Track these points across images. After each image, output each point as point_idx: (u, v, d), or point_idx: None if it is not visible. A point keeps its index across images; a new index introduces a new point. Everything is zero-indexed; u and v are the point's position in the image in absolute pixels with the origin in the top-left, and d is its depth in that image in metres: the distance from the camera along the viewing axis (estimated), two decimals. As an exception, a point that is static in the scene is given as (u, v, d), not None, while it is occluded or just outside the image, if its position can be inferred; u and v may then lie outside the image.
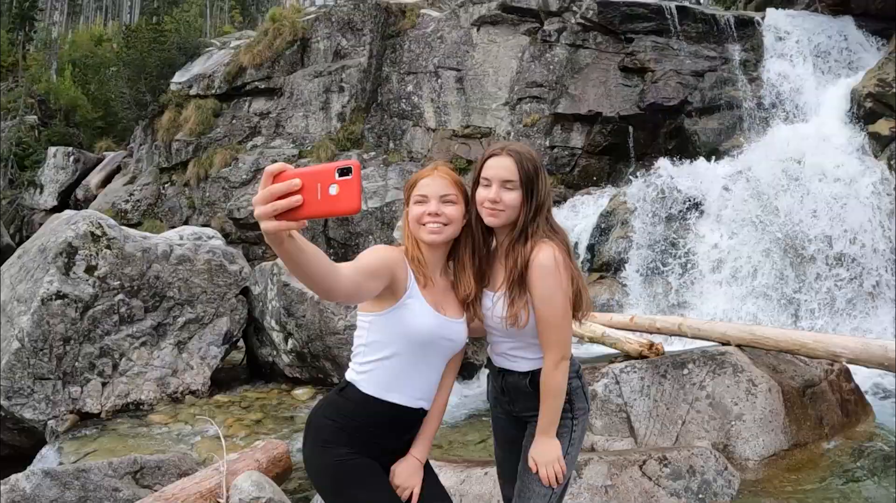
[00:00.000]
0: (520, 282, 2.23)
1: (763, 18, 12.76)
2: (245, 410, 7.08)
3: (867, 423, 5.01)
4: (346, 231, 13.39)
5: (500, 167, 2.25)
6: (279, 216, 1.43)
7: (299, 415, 6.87)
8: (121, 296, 6.85)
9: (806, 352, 4.83)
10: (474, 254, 2.33)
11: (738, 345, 5.39)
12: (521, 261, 2.22)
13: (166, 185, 15.48)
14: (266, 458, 4.57)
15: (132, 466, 3.84)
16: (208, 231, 9.42)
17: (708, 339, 5.83)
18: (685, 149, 12.01)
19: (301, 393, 7.68)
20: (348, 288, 1.85)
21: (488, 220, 2.27)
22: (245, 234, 13.82)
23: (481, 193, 2.27)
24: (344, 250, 13.01)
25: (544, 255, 2.20)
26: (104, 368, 6.54)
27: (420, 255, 2.24)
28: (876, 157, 9.70)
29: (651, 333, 6.65)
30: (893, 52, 10.62)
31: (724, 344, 5.54)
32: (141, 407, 6.68)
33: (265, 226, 1.45)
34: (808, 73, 11.73)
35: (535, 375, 2.35)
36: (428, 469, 2.37)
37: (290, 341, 7.91)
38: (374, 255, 2.07)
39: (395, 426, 2.26)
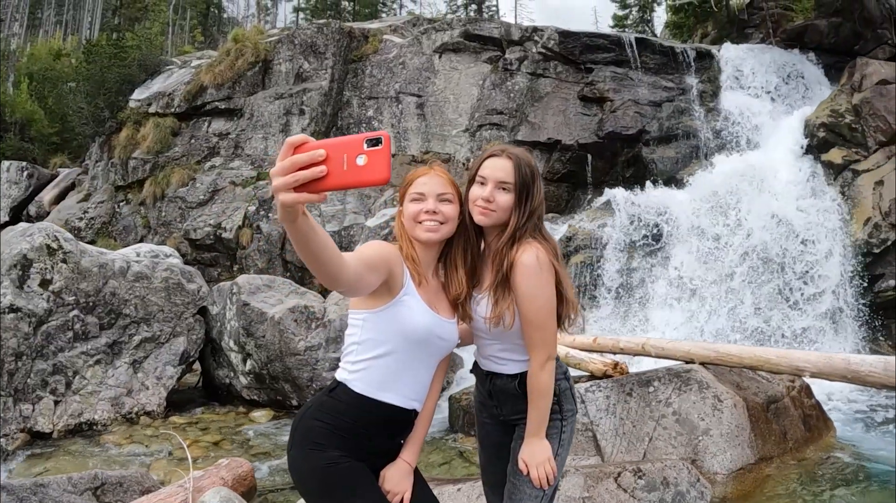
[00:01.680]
0: (504, 284, 2.23)
1: (720, 51, 13.22)
2: (202, 432, 6.91)
3: (829, 438, 5.13)
4: (304, 254, 13.23)
5: (497, 168, 2.25)
6: (299, 188, 1.37)
7: (258, 438, 6.73)
8: (76, 311, 6.64)
9: (770, 367, 4.93)
10: (466, 254, 2.32)
11: (702, 363, 5.47)
12: (507, 262, 2.22)
13: (121, 204, 15.11)
14: (231, 476, 4.45)
15: (93, 482, 3.68)
16: (166, 249, 9.25)
17: (672, 358, 5.89)
18: (643, 177, 12.26)
19: (259, 415, 7.53)
20: (351, 277, 1.81)
21: (478, 219, 2.26)
22: (201, 256, 13.55)
23: (475, 191, 2.27)
24: (301, 274, 12.84)
25: (528, 255, 2.20)
26: (57, 386, 6.31)
27: (414, 254, 2.22)
28: (829, 184, 10.08)
29: (615, 353, 6.69)
30: (846, 84, 11.09)
31: (688, 362, 5.60)
32: (94, 427, 6.46)
33: (284, 198, 1.38)
34: (763, 104, 12.15)
35: (523, 377, 2.34)
36: (417, 474, 2.32)
37: (248, 362, 7.77)
38: (373, 249, 2.03)
39: (388, 427, 2.21)
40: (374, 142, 1.34)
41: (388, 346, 2.15)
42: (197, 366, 8.50)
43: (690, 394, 4.98)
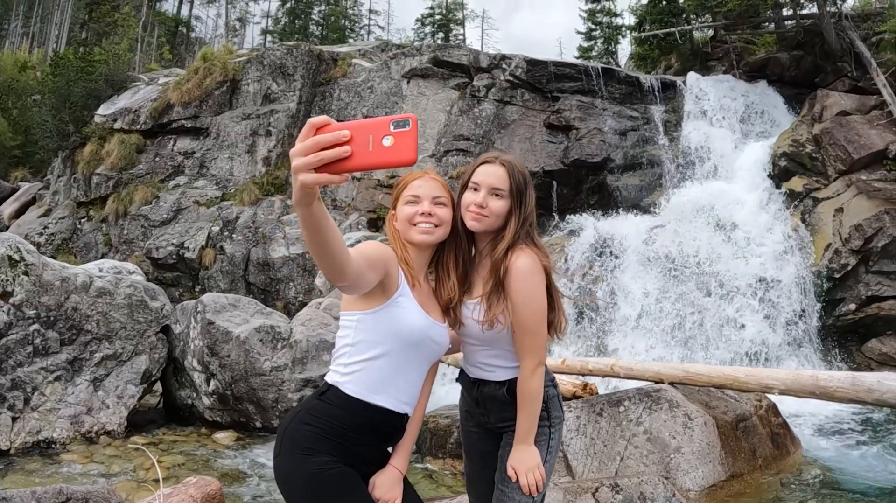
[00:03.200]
0: (498, 288, 2.24)
1: (684, 82, 13.57)
2: (164, 453, 6.72)
3: (796, 455, 5.23)
4: (267, 277, 13.13)
5: (491, 174, 2.27)
6: (321, 168, 1.37)
7: (222, 460, 6.58)
8: (36, 326, 6.45)
9: (739, 385, 5.00)
10: (458, 259, 2.33)
11: (671, 383, 5.52)
12: (502, 267, 2.23)
13: (83, 220, 14.80)
14: (200, 495, 4.33)
15: (58, 497, 3.55)
16: (129, 266, 9.07)
17: (641, 379, 5.93)
18: (607, 204, 12.46)
19: (223, 437, 7.36)
20: (354, 272, 1.79)
21: (471, 224, 2.27)
22: (163, 275, 13.32)
23: (468, 197, 2.29)
24: (263, 296, 12.72)
25: (522, 260, 2.22)
26: (15, 402, 6.09)
27: (408, 257, 2.22)
28: (790, 211, 10.38)
29: (583, 375, 6.72)
30: (806, 115, 11.49)
31: (657, 382, 5.65)
32: (52, 445, 6.24)
33: (305, 178, 1.37)
34: (726, 133, 12.47)
35: (511, 384, 2.33)
36: (405, 481, 2.28)
37: (212, 382, 7.62)
38: (372, 247, 2.02)
39: (380, 431, 2.17)
40: (401, 123, 1.34)
41: (382, 348, 2.12)
42: (157, 386, 8.30)
43: (661, 413, 5.03)
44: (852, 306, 9.41)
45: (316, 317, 8.40)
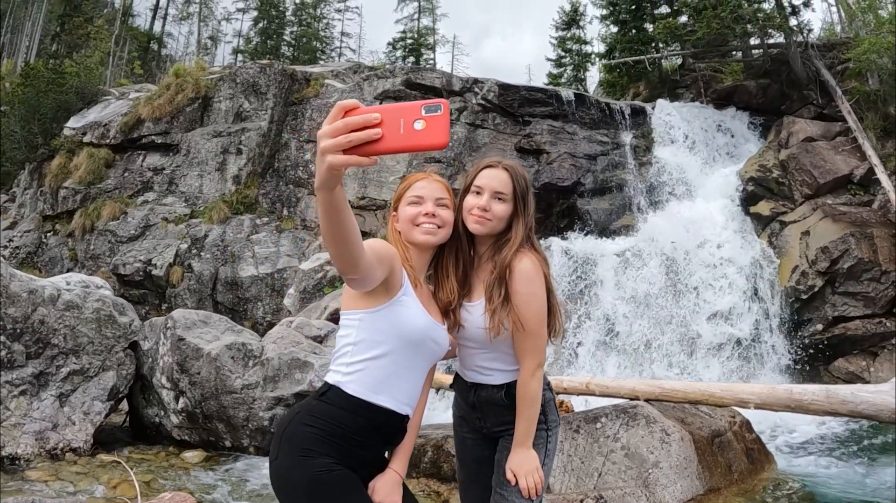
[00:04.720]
0: (500, 292, 2.26)
1: (653, 108, 13.85)
2: (132, 471, 6.56)
3: (771, 470, 5.31)
4: (235, 296, 12.99)
5: (494, 178, 2.32)
6: (349, 151, 1.37)
7: (192, 479, 6.44)
8: (2, 338, 6.28)
9: (714, 401, 5.07)
10: (458, 261, 2.35)
11: (647, 400, 5.57)
12: (507, 270, 2.25)
13: (49, 234, 14.51)
14: (175, 508, 4.25)
15: (31, 509, 3.45)
16: (97, 280, 8.88)
17: (617, 396, 5.97)
18: (577, 227, 12.59)
19: (191, 456, 7.21)
20: (366, 265, 1.80)
21: (473, 227, 2.30)
22: (129, 292, 13.08)
23: (470, 201, 2.32)
24: (231, 315, 12.54)
25: (524, 264, 2.25)
26: (-21, 416, 5.91)
27: (410, 257, 2.24)
28: (757, 235, 10.63)
29: (558, 393, 6.75)
30: (773, 141, 11.81)
31: (632, 399, 5.70)
32: (16, 462, 6.04)
33: (333, 159, 1.37)
34: (694, 158, 12.76)
35: (509, 387, 2.35)
36: (405, 486, 2.27)
37: (181, 400, 7.47)
38: (379, 243, 2.02)
39: (381, 433, 2.15)
40: (433, 108, 1.36)
41: (384, 347, 2.12)
42: (123, 404, 8.11)
43: (638, 429, 5.06)
44: (819, 326, 9.63)
45: (287, 336, 8.30)
